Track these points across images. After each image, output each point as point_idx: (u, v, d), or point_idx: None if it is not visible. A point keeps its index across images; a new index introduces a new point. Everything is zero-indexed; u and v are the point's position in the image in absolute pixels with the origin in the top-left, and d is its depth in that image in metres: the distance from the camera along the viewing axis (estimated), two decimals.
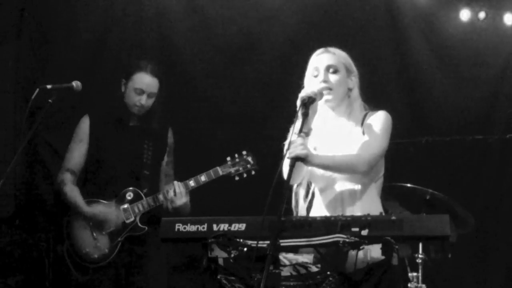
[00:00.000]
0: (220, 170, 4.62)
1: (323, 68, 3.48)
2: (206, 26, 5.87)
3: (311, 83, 3.46)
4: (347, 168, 3.35)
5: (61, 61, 5.49)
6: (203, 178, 4.59)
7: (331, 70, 3.48)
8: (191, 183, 4.58)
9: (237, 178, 4.67)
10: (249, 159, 4.69)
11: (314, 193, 3.52)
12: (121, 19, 5.74)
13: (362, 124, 3.45)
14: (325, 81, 3.45)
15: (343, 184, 3.41)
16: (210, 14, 5.86)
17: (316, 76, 3.48)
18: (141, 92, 4.62)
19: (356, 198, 3.38)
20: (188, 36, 5.85)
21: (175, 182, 4.54)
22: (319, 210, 3.44)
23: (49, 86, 3.98)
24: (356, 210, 3.30)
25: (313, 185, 3.52)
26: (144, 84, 4.63)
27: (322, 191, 3.47)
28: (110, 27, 5.72)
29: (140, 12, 5.77)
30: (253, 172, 4.69)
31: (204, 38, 5.87)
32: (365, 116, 3.48)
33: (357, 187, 3.39)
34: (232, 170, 4.65)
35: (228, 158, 4.66)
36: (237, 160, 4.67)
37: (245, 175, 4.68)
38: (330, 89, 3.44)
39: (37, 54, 5.53)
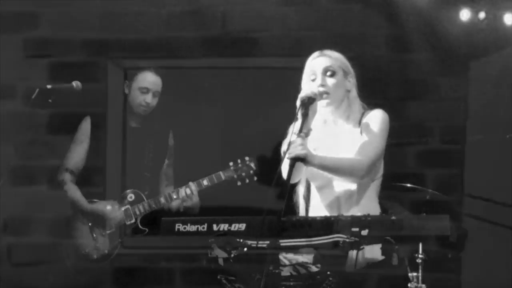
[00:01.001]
0: (222, 175, 4.62)
1: (320, 71, 3.48)
2: (206, 26, 5.87)
3: (309, 86, 3.45)
4: (345, 173, 3.36)
5: (61, 61, 5.48)
6: (205, 182, 4.60)
7: (328, 73, 3.48)
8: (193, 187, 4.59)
9: (239, 183, 4.67)
10: (252, 165, 4.69)
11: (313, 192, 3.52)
12: (121, 19, 5.74)
13: (359, 123, 3.46)
14: (322, 85, 3.45)
15: (341, 183, 3.41)
16: (209, 13, 5.86)
17: (313, 80, 3.48)
18: (146, 90, 4.63)
19: (354, 197, 3.40)
20: (188, 36, 5.84)
21: (190, 183, 4.54)
22: (318, 208, 3.44)
23: (49, 86, 3.99)
24: (354, 208, 3.30)
25: (311, 183, 3.52)
26: (148, 82, 4.64)
27: (320, 189, 3.48)
28: (110, 27, 5.72)
29: (140, 12, 5.77)
30: (255, 178, 4.68)
31: (204, 38, 5.86)
32: (362, 115, 3.49)
33: (355, 186, 3.40)
34: (235, 175, 4.65)
35: (231, 163, 4.66)
36: (239, 165, 4.66)
37: (247, 181, 4.67)
38: (328, 93, 3.44)
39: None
